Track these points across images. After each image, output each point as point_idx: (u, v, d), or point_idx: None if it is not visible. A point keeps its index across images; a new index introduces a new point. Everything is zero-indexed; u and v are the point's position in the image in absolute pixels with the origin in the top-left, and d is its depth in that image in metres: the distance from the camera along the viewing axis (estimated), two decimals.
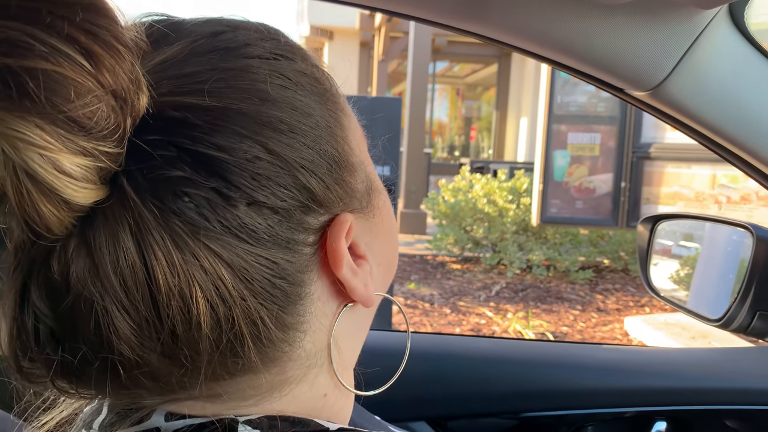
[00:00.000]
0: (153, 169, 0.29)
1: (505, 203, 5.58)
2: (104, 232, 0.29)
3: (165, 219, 0.29)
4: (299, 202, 0.33)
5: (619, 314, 4.70)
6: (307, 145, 0.33)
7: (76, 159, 0.27)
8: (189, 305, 0.30)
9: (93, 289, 0.29)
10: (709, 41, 0.67)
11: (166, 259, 0.29)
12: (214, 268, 0.30)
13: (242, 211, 0.31)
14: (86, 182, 0.28)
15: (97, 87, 0.27)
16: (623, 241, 5.77)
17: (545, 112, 4.82)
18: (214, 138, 0.30)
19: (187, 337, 0.30)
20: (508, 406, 0.95)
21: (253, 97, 0.32)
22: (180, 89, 0.31)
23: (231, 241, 0.30)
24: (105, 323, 0.29)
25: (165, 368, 0.31)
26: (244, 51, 0.34)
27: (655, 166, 4.72)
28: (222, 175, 0.30)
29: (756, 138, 0.73)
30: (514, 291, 5.19)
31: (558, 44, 0.69)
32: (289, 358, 0.35)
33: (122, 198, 0.29)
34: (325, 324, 0.36)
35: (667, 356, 1.03)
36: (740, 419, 0.94)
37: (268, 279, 0.32)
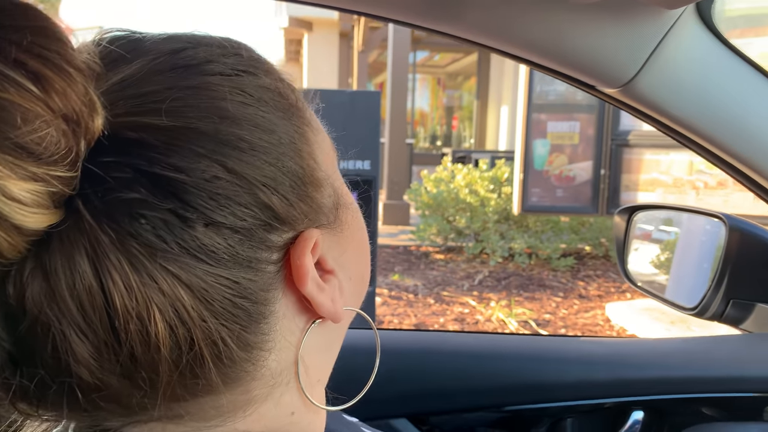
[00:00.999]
0: (109, 191, 0.29)
1: (487, 193, 5.61)
2: (60, 256, 0.29)
3: (121, 241, 0.29)
4: (261, 220, 0.32)
5: (600, 300, 4.76)
6: (269, 162, 0.33)
7: (25, 185, 0.27)
8: (147, 327, 0.29)
9: (50, 313, 0.29)
10: (677, 38, 0.68)
11: (123, 282, 0.29)
12: (172, 290, 0.30)
13: (200, 232, 0.30)
14: (37, 207, 0.28)
15: (46, 111, 0.27)
16: (604, 228, 5.83)
17: (524, 102, 4.84)
18: (171, 158, 0.30)
19: (147, 359, 0.30)
20: (490, 401, 0.96)
21: (212, 115, 0.32)
22: (137, 109, 0.31)
23: (189, 262, 0.30)
24: (62, 347, 0.29)
25: (125, 390, 0.31)
26: (204, 68, 0.33)
27: (634, 153, 4.77)
28: (179, 196, 0.30)
29: (725, 132, 0.74)
30: (496, 279, 5.23)
31: (530, 44, 0.69)
32: (252, 377, 0.34)
33: (77, 221, 0.29)
34: (291, 341, 0.36)
35: (645, 347, 1.04)
36: (715, 406, 0.96)
37: (229, 299, 0.31)
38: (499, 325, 4.10)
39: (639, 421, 0.98)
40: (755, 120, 0.73)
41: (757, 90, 0.73)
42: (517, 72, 9.23)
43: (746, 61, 0.72)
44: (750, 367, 0.98)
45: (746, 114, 0.73)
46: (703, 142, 0.76)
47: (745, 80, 0.72)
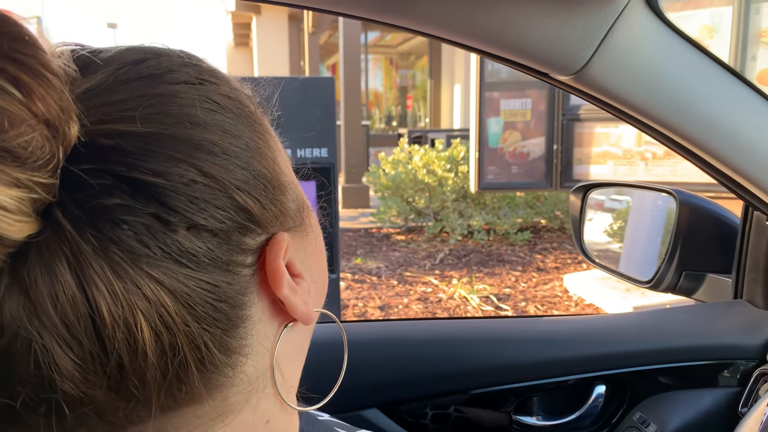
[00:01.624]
0: (89, 198, 0.29)
1: (444, 172, 5.65)
2: (40, 267, 0.28)
3: (103, 249, 0.28)
4: (237, 223, 0.33)
5: (558, 272, 4.88)
6: (241, 166, 0.34)
7: (10, 191, 0.26)
8: (134, 334, 0.29)
9: (30, 328, 0.28)
10: (626, 24, 0.69)
11: (107, 290, 0.28)
12: (156, 295, 0.29)
13: (182, 236, 0.30)
14: (21, 215, 0.27)
15: (30, 116, 0.27)
16: (558, 201, 5.97)
17: (477, 81, 4.87)
18: (150, 164, 0.30)
19: (134, 368, 0.30)
20: (457, 385, 0.97)
21: (184, 121, 0.32)
22: (109, 117, 0.31)
23: (172, 266, 0.30)
24: (45, 362, 0.28)
25: (111, 403, 0.30)
26: (169, 77, 0.34)
27: (585, 127, 4.86)
28: (160, 200, 0.30)
29: (676, 115, 0.76)
30: (457, 257, 5.30)
31: (481, 34, 0.69)
32: (231, 383, 0.34)
33: (57, 230, 0.28)
34: (266, 346, 0.36)
35: (602, 323, 1.07)
36: (672, 376, 1.00)
37: (210, 303, 0.32)
38: (462, 303, 4.16)
39: (602, 395, 1.01)
40: (703, 101, 0.76)
41: (703, 72, 0.75)
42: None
43: (692, 44, 0.74)
44: (702, 336, 1.02)
45: (694, 96, 0.75)
46: (656, 126, 0.78)
47: (692, 63, 0.74)
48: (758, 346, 0.98)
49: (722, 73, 0.77)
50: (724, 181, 0.90)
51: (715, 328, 1.04)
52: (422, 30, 0.70)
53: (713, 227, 1.15)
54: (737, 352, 0.99)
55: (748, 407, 0.95)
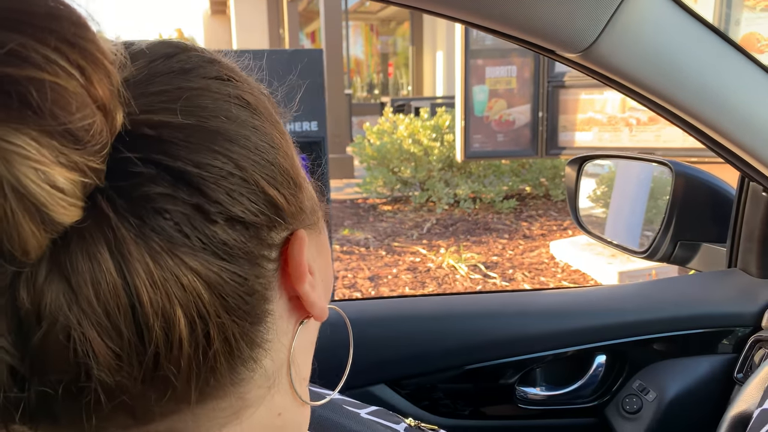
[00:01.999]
0: (133, 186, 0.29)
1: (430, 142, 5.64)
2: (81, 254, 0.28)
3: (144, 237, 0.29)
4: (267, 217, 0.33)
5: (544, 239, 4.94)
6: (270, 161, 0.34)
7: (67, 174, 0.26)
8: (171, 324, 0.29)
9: (70, 315, 0.28)
10: (635, 2, 0.69)
11: (147, 278, 0.29)
12: (192, 285, 0.30)
13: (219, 227, 0.31)
14: (75, 199, 0.27)
15: (90, 100, 0.27)
16: (543, 168, 6.00)
17: (462, 49, 4.82)
18: (191, 155, 0.31)
19: (169, 358, 0.30)
20: (460, 360, 0.99)
21: (219, 115, 0.33)
22: (150, 107, 0.31)
23: (208, 257, 0.30)
24: (84, 350, 0.28)
25: (143, 394, 0.30)
26: (200, 71, 0.34)
27: (570, 94, 4.86)
28: (202, 191, 0.30)
29: (684, 93, 0.77)
30: (444, 226, 5.33)
31: (488, 12, 0.69)
32: (251, 377, 0.35)
33: (99, 217, 0.28)
34: (284, 342, 0.37)
35: (602, 295, 1.10)
36: (670, 344, 1.03)
37: (240, 296, 0.32)
38: (450, 271, 4.20)
39: (602, 364, 1.04)
40: (709, 78, 0.76)
41: (711, 50, 0.76)
42: None
43: (701, 21, 0.74)
44: (698, 305, 1.05)
45: (701, 73, 0.76)
46: (664, 103, 0.78)
47: (700, 41, 0.75)
48: (753, 313, 1.01)
49: (730, 51, 0.77)
50: (724, 154, 0.91)
51: (711, 296, 1.06)
52: (425, 7, 0.69)
53: (708, 197, 1.17)
54: (733, 319, 1.02)
55: (743, 373, 0.99)
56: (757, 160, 0.87)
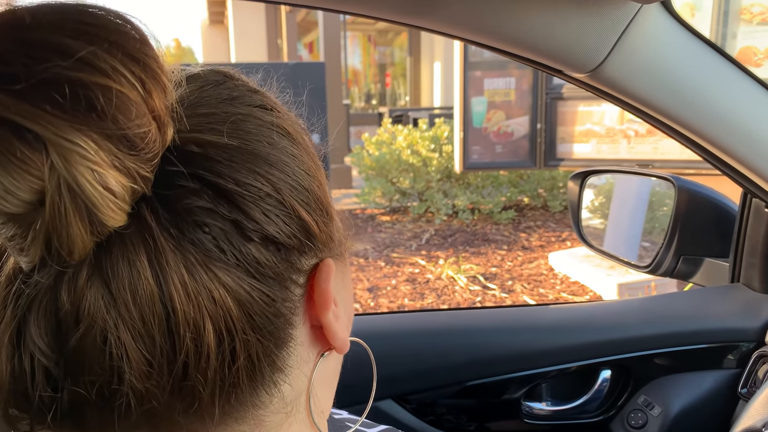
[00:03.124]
0: (176, 198, 0.30)
1: (428, 152, 5.66)
2: (122, 260, 0.29)
3: (182, 249, 0.30)
4: (299, 240, 0.34)
5: (543, 250, 4.94)
6: (306, 188, 0.35)
7: (120, 177, 0.28)
8: (201, 335, 0.30)
9: (108, 319, 0.28)
10: (643, 24, 0.70)
11: (183, 289, 0.30)
12: (222, 299, 0.31)
13: (254, 246, 0.32)
14: (123, 203, 0.28)
15: (147, 110, 0.29)
16: (541, 179, 6.02)
17: (461, 60, 4.85)
18: (233, 174, 0.32)
19: (197, 369, 0.31)
20: (466, 375, 0.99)
21: (261, 140, 0.34)
22: (198, 127, 0.32)
23: (240, 274, 0.31)
24: (118, 354, 0.29)
25: (169, 404, 0.31)
26: (246, 99, 0.36)
27: (568, 106, 4.89)
28: (241, 208, 0.31)
29: (690, 113, 0.78)
30: (443, 237, 5.33)
31: (498, 33, 0.70)
32: (270, 402, 0.35)
33: (142, 225, 0.29)
34: (304, 371, 0.37)
35: (607, 310, 1.10)
36: (675, 359, 1.04)
37: (267, 316, 0.33)
38: (450, 283, 4.20)
39: (607, 379, 1.04)
40: (714, 99, 0.77)
41: (716, 71, 0.77)
42: None
43: (707, 43, 0.75)
44: (702, 320, 1.05)
45: (707, 94, 0.77)
46: (671, 123, 0.79)
47: (706, 62, 0.76)
48: (756, 328, 1.01)
49: (735, 71, 0.79)
50: (727, 171, 0.93)
51: (714, 311, 1.07)
52: (441, 30, 0.71)
53: (710, 213, 1.18)
54: (736, 334, 1.02)
55: (747, 388, 0.99)
56: (759, 176, 0.88)
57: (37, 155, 0.26)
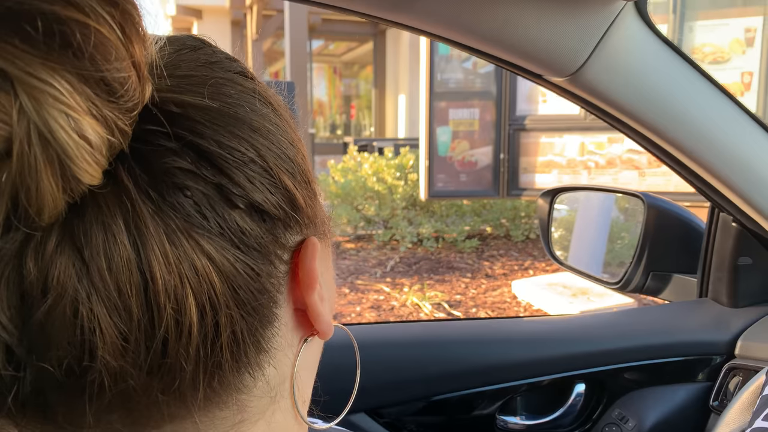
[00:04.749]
0: (155, 159, 0.28)
1: (394, 180, 5.68)
2: (96, 225, 0.26)
3: (162, 213, 0.27)
4: (285, 213, 0.32)
5: (506, 278, 4.98)
6: (290, 158, 0.34)
7: (97, 127, 0.25)
8: (182, 309, 0.28)
9: (80, 289, 0.26)
10: (620, 29, 0.72)
11: (162, 257, 0.27)
12: (205, 270, 0.28)
13: (238, 214, 0.30)
14: (100, 156, 0.26)
15: (127, 55, 0.26)
16: (503, 209, 6.10)
17: (426, 90, 4.93)
18: (216, 136, 0.30)
19: (177, 346, 0.28)
20: (441, 388, 0.97)
21: (244, 105, 0.32)
22: (176, 88, 0.30)
23: (224, 244, 0.29)
24: (91, 327, 0.26)
25: (146, 387, 0.28)
26: (225, 65, 0.34)
27: (531, 137, 5.00)
28: (225, 172, 0.29)
29: (661, 120, 0.79)
30: (407, 265, 5.33)
31: (480, 33, 0.70)
32: (254, 386, 0.33)
33: (118, 187, 0.27)
34: (288, 355, 0.35)
35: (581, 322, 1.10)
36: (648, 372, 1.03)
37: (251, 291, 0.30)
38: (414, 310, 4.18)
39: (581, 393, 1.03)
40: (684, 107, 0.79)
41: (685, 79, 0.79)
42: (413, 60, 9.37)
43: (678, 53, 0.77)
44: (673, 334, 1.06)
45: (677, 102, 0.78)
46: (641, 129, 0.80)
47: (676, 71, 0.78)
48: (726, 341, 1.02)
49: (702, 81, 0.81)
50: (698, 183, 0.94)
51: (685, 325, 1.08)
52: (422, 27, 0.70)
53: (678, 229, 1.20)
54: (707, 348, 1.03)
55: (719, 401, 1.00)
56: (728, 188, 0.89)
57: (3, 96, 0.23)
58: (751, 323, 1.03)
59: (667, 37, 0.75)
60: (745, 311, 1.06)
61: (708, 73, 0.81)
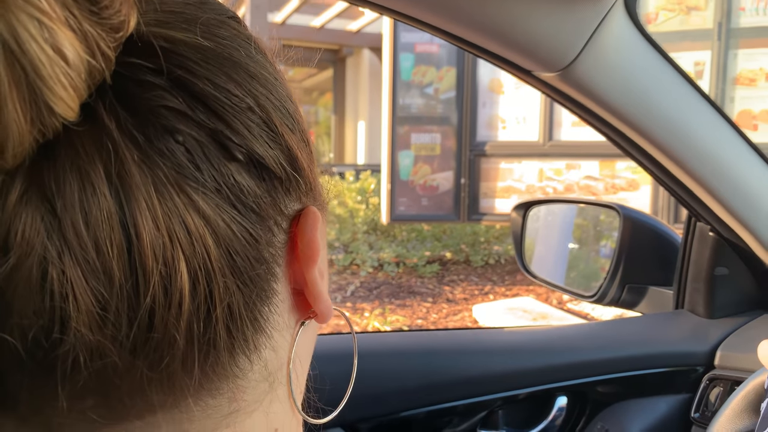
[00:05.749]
0: (140, 94, 0.23)
1: (355, 204, 5.66)
2: (71, 170, 0.21)
3: (148, 159, 0.23)
4: (286, 173, 0.28)
5: (466, 303, 4.97)
6: (290, 112, 0.30)
7: (75, 42, 0.21)
8: (172, 274, 0.23)
9: (50, 246, 0.21)
10: (610, 26, 0.71)
11: (150, 212, 0.22)
12: (199, 231, 0.24)
13: (235, 167, 0.26)
14: (78, 80, 0.21)
15: None
16: (463, 234, 6.14)
17: (389, 115, 4.96)
18: (210, 76, 0.26)
19: (166, 318, 0.23)
20: (420, 401, 0.93)
21: (239, 49, 0.28)
22: (165, 23, 0.26)
23: (219, 201, 0.25)
24: (63, 292, 0.21)
25: (129, 365, 0.24)
26: (216, 8, 0.30)
27: (491, 162, 5.07)
28: (222, 116, 0.25)
29: (645, 120, 0.79)
30: (368, 289, 5.27)
31: (473, 23, 0.68)
32: (250, 371, 0.29)
33: (96, 128, 0.22)
34: (286, 338, 0.31)
35: (562, 333, 1.08)
36: (627, 384, 1.01)
37: (249, 259, 0.26)
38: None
39: (563, 408, 1.00)
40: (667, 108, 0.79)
41: (670, 81, 0.79)
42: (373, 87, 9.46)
43: (662, 54, 0.77)
44: (653, 345, 1.05)
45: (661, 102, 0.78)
46: (626, 130, 0.80)
47: (661, 72, 0.77)
48: (705, 352, 1.01)
49: (686, 85, 0.81)
50: (677, 189, 0.94)
51: (664, 337, 1.07)
52: (415, 16, 0.68)
53: (654, 241, 1.20)
54: (686, 359, 1.02)
55: (700, 412, 0.98)
56: (710, 195, 0.89)
57: None
58: (729, 333, 1.02)
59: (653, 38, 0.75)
60: (723, 322, 1.06)
61: (691, 78, 0.81)
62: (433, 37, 0.78)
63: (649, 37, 0.76)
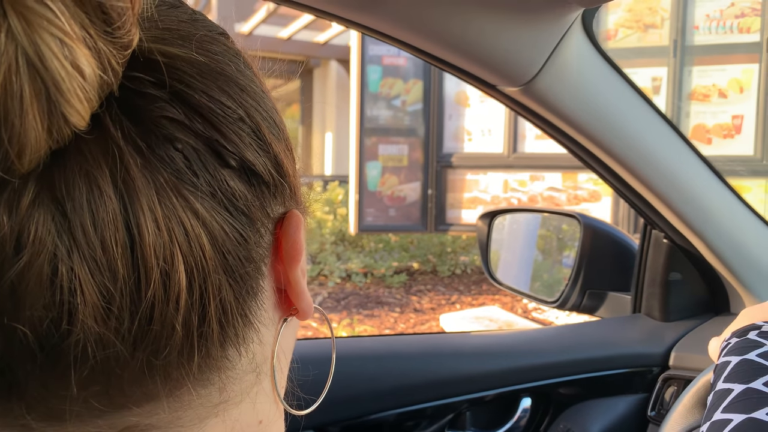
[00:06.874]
0: (143, 105, 0.26)
1: (323, 215, 5.66)
2: (80, 176, 0.24)
3: (150, 165, 0.25)
4: (273, 178, 0.31)
5: (434, 312, 5.01)
6: (276, 124, 0.32)
7: (91, 59, 0.23)
8: (171, 272, 0.26)
9: (60, 245, 0.23)
10: (570, 43, 0.75)
11: (151, 214, 0.25)
12: (195, 231, 0.26)
13: (229, 173, 0.28)
14: (92, 93, 0.23)
15: None
16: (430, 245, 6.19)
17: (357, 126, 4.99)
18: (206, 89, 0.28)
19: (165, 313, 0.26)
20: (392, 403, 0.95)
21: (230, 64, 0.31)
22: (163, 40, 0.28)
23: (213, 204, 0.27)
24: (72, 288, 0.23)
25: (130, 357, 0.26)
26: (207, 24, 0.32)
27: (457, 174, 5.14)
28: (217, 126, 0.28)
29: (603, 133, 0.83)
30: (336, 300, 5.27)
31: (439, 38, 0.72)
32: (238, 363, 0.31)
33: (103, 135, 0.24)
34: (272, 332, 0.34)
35: (526, 336, 1.12)
36: (588, 385, 1.06)
37: (239, 258, 0.29)
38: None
39: (527, 409, 1.04)
40: (623, 122, 0.83)
41: (623, 97, 0.84)
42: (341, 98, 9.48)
43: (617, 71, 0.82)
44: (611, 347, 1.09)
45: (617, 117, 0.83)
46: (585, 143, 0.84)
47: (617, 88, 0.82)
48: (660, 353, 1.07)
49: (638, 99, 0.86)
50: (633, 199, 0.99)
51: (622, 339, 1.12)
52: (382, 30, 0.71)
53: (613, 248, 1.25)
54: (643, 360, 1.07)
55: (656, 410, 1.03)
56: (663, 203, 0.94)
57: None
58: (683, 335, 1.08)
59: (609, 56, 0.79)
60: (676, 324, 1.11)
61: (645, 94, 0.86)
62: (400, 51, 0.81)
63: (606, 54, 0.81)
